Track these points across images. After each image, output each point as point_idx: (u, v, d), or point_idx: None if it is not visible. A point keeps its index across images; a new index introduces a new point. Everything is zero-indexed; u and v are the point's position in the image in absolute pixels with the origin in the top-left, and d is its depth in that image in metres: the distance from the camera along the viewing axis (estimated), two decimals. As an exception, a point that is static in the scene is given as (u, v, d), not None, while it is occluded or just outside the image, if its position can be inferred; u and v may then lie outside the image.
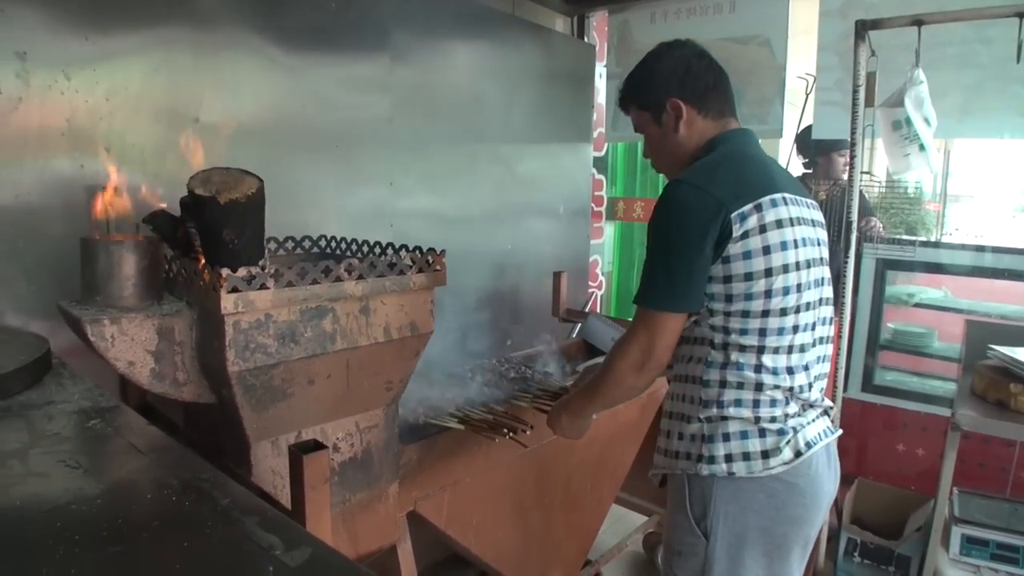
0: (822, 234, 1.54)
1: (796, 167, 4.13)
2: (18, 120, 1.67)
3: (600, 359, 2.72)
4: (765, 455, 1.39)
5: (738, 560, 1.43)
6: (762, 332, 1.39)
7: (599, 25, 4.07)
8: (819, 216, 1.54)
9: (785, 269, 1.38)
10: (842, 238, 2.71)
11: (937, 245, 3.36)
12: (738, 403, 1.41)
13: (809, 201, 1.52)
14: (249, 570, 0.73)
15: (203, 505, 0.86)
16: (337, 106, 2.42)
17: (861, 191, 3.21)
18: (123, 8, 1.81)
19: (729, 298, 1.39)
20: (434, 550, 2.35)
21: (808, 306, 1.43)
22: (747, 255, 1.36)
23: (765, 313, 1.38)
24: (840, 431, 1.56)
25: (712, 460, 1.42)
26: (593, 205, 4.64)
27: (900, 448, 3.22)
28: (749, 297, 1.38)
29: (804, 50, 3.28)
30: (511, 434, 1.79)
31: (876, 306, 3.33)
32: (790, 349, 1.42)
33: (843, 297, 2.68)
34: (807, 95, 2.96)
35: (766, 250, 1.36)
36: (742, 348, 1.41)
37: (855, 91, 2.54)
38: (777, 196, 1.40)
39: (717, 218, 1.34)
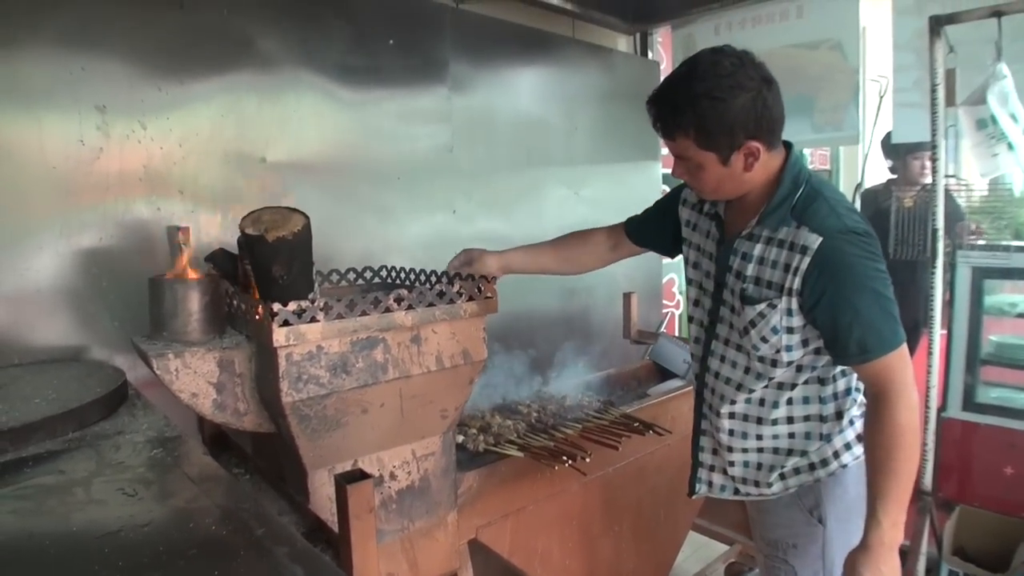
0: None
1: (881, 172, 3.93)
2: (100, 168, 1.80)
3: (672, 382, 2.66)
4: (859, 438, 1.52)
5: (850, 531, 1.48)
6: None
7: (664, 41, 4.02)
8: None
9: None
10: (928, 248, 2.54)
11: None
12: (849, 420, 1.54)
13: None
14: (270, 600, 0.75)
15: (239, 535, 0.89)
16: (398, 138, 2.48)
17: (952, 195, 3.01)
18: (192, 58, 1.93)
19: None
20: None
21: None
22: None
23: None
24: None
25: (826, 463, 1.53)
26: (666, 223, 4.55)
27: (1008, 472, 2.95)
28: None
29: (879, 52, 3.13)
30: (570, 461, 1.77)
31: (974, 318, 3.09)
32: None
33: (932, 311, 2.50)
34: (880, 98, 2.81)
35: None
36: (843, 374, 1.51)
37: (933, 90, 2.39)
38: None
39: None
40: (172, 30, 1.90)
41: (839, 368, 1.49)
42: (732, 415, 1.56)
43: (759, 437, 1.55)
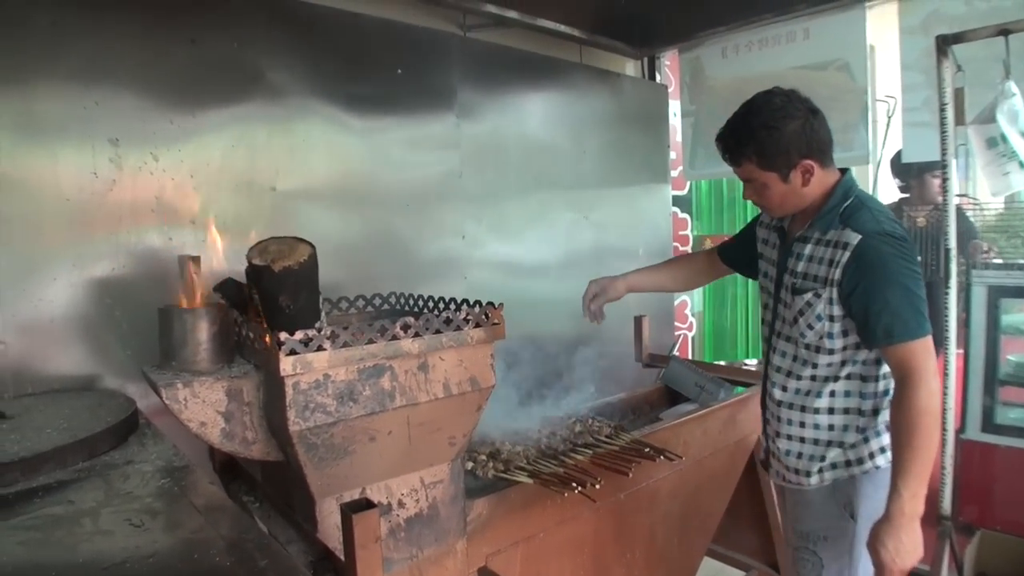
0: None
1: (891, 192, 3.91)
2: (113, 199, 1.83)
3: (684, 406, 2.64)
4: None
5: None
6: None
7: (672, 64, 4.04)
8: None
9: None
10: (941, 267, 2.52)
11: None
12: (885, 423, 1.67)
13: None
14: (271, 634, 0.75)
15: (242, 566, 0.89)
16: (407, 165, 2.51)
17: (965, 214, 3.00)
18: (203, 90, 1.97)
19: None
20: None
21: None
22: None
23: None
24: None
25: (861, 462, 1.69)
26: (677, 244, 4.55)
27: (1031, 495, 2.89)
28: None
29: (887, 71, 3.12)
30: (580, 488, 1.75)
31: (991, 338, 3.05)
32: None
33: (947, 331, 2.47)
34: (889, 118, 2.80)
35: None
36: (884, 376, 1.66)
37: (942, 109, 2.39)
38: None
39: None
40: (183, 64, 1.94)
41: (881, 370, 1.65)
42: (780, 402, 1.76)
43: (802, 425, 1.73)
